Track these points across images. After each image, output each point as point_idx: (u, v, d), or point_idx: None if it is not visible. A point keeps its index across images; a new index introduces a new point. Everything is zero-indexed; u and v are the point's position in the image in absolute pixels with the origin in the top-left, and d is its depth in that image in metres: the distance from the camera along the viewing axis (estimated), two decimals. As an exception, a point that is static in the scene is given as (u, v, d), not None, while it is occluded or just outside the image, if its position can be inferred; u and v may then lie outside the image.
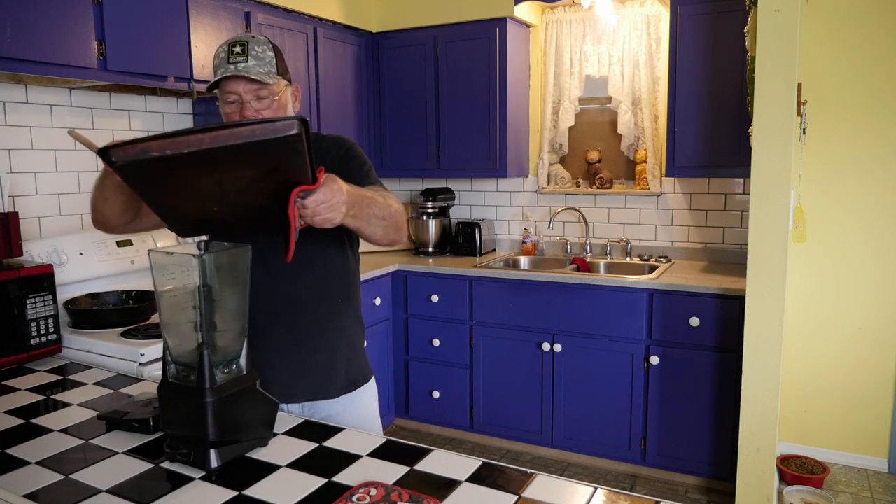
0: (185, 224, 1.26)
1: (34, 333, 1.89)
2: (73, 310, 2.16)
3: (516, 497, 1.07)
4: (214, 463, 1.16)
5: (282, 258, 1.53)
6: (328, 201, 1.18)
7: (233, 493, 1.09)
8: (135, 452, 1.26)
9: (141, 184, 1.14)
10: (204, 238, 1.47)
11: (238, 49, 1.46)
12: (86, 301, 2.29)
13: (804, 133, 2.99)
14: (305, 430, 1.36)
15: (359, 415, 1.65)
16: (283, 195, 1.13)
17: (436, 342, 3.47)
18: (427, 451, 1.24)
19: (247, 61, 1.45)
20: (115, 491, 1.10)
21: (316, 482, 1.13)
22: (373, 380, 1.74)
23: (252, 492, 1.10)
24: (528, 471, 1.16)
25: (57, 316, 1.96)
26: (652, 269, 3.31)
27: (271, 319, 1.58)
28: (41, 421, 1.43)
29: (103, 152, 1.03)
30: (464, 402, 3.46)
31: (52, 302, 1.94)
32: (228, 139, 1.00)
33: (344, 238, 1.63)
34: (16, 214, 1.96)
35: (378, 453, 1.24)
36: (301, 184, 1.13)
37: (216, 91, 1.51)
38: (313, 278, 1.59)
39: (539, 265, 3.66)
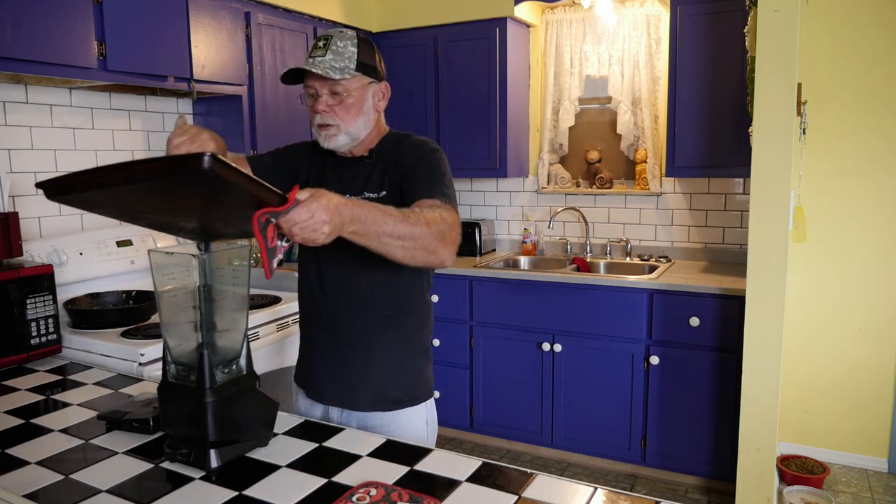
0: (179, 234, 1.24)
1: (34, 333, 1.89)
2: (73, 310, 2.16)
3: (516, 497, 1.07)
4: (214, 463, 1.16)
5: (334, 259, 1.53)
6: (303, 222, 1.08)
7: (233, 493, 1.09)
8: (135, 452, 1.26)
9: (93, 209, 1.14)
10: None
11: (320, 43, 1.46)
12: (86, 301, 2.29)
13: (804, 133, 2.99)
14: (305, 430, 1.36)
15: (397, 436, 1.46)
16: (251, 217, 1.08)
17: (436, 342, 3.46)
18: (427, 451, 1.25)
19: (324, 56, 1.44)
20: (115, 491, 1.10)
21: (316, 482, 1.13)
22: (426, 405, 1.62)
23: (252, 492, 1.10)
24: (528, 471, 1.16)
25: (57, 316, 1.96)
26: (652, 269, 3.31)
27: (314, 317, 1.59)
28: (41, 421, 1.43)
29: (41, 186, 1.05)
30: (464, 402, 3.46)
31: (52, 302, 1.94)
32: (139, 176, 0.97)
33: None
34: (16, 214, 1.96)
35: (378, 453, 1.24)
36: (263, 206, 1.06)
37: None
38: (356, 287, 1.54)
39: (539, 265, 3.65)
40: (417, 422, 1.60)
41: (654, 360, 2.95)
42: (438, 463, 1.20)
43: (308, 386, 1.62)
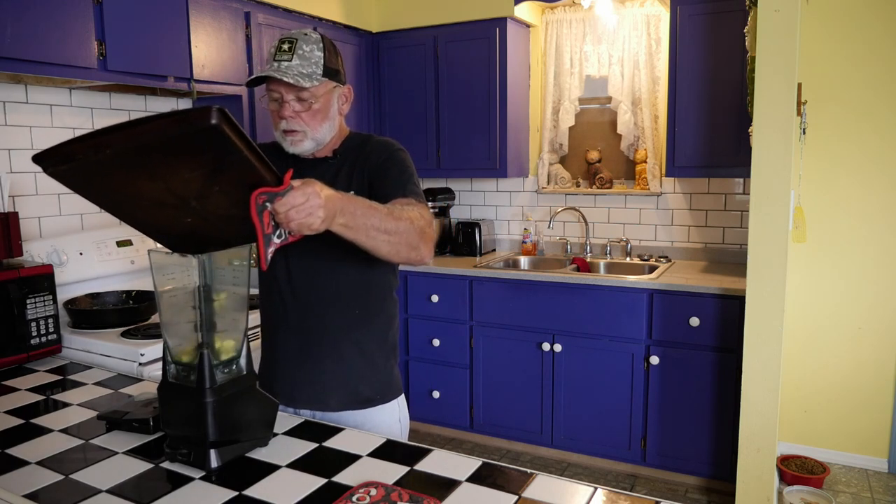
0: (170, 239, 1.20)
1: (34, 333, 1.89)
2: (73, 310, 2.16)
3: (516, 497, 1.07)
4: (214, 463, 1.16)
5: (303, 260, 1.52)
6: (299, 205, 1.08)
7: (233, 493, 1.09)
8: (135, 452, 1.26)
9: (90, 192, 1.11)
10: None
11: (285, 47, 1.43)
12: (86, 301, 2.29)
13: (804, 133, 2.99)
14: (305, 430, 1.37)
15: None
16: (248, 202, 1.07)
17: (436, 342, 3.47)
18: (427, 451, 1.24)
19: (290, 60, 1.41)
20: (115, 491, 1.10)
21: (316, 482, 1.13)
22: (397, 402, 1.63)
23: (252, 492, 1.10)
24: (528, 471, 1.16)
25: (57, 316, 1.96)
26: (652, 269, 3.31)
27: (281, 320, 1.57)
28: (41, 421, 1.43)
29: (37, 159, 1.02)
30: (464, 402, 3.46)
31: (52, 302, 1.94)
32: (141, 136, 0.95)
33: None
34: (16, 214, 1.96)
35: (378, 453, 1.24)
36: (260, 186, 1.06)
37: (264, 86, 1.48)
38: (326, 287, 1.53)
39: (539, 265, 3.65)
40: (390, 420, 1.61)
41: (654, 360, 2.95)
42: (438, 463, 1.20)
43: (274, 389, 1.58)
